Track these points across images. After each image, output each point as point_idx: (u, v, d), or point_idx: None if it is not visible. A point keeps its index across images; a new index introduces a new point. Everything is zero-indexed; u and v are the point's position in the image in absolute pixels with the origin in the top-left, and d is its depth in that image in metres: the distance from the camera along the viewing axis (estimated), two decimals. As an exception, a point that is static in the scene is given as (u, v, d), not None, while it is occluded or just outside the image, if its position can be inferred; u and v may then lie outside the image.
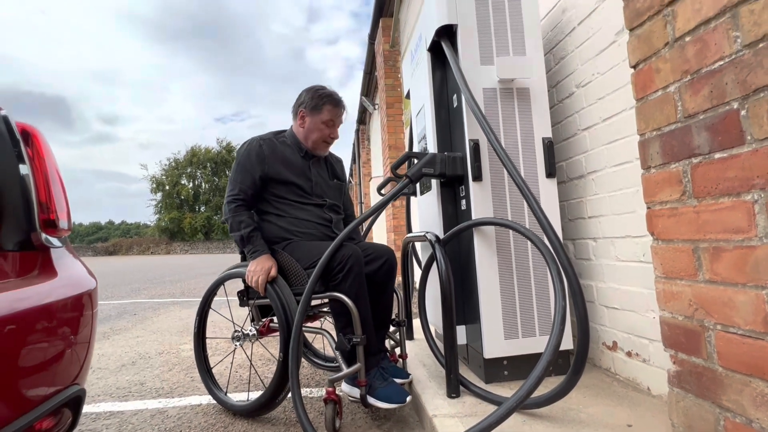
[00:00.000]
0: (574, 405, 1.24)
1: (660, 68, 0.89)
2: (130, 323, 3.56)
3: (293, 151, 1.66)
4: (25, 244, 0.84)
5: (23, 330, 0.68)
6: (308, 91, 1.66)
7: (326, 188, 1.72)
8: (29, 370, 0.69)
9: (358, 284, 1.42)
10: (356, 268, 1.41)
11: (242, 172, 1.59)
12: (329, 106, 1.63)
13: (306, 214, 1.62)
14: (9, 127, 0.85)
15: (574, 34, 1.64)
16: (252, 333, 1.58)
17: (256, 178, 1.58)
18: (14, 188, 0.82)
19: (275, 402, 1.47)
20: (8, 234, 0.82)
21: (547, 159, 1.53)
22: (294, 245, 1.56)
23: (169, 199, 37.21)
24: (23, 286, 0.75)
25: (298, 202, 1.63)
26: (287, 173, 1.61)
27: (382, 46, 5.50)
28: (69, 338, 0.79)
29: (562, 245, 1.13)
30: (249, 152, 1.60)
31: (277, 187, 1.61)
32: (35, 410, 0.68)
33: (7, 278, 0.78)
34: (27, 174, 0.86)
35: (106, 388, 1.92)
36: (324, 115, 1.63)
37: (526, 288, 1.48)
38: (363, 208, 10.55)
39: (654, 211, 0.93)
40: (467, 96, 1.39)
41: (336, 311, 1.46)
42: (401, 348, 1.69)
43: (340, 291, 1.39)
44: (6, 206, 0.82)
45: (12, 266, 0.81)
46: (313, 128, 1.64)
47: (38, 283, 0.79)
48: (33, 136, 0.90)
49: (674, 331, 0.89)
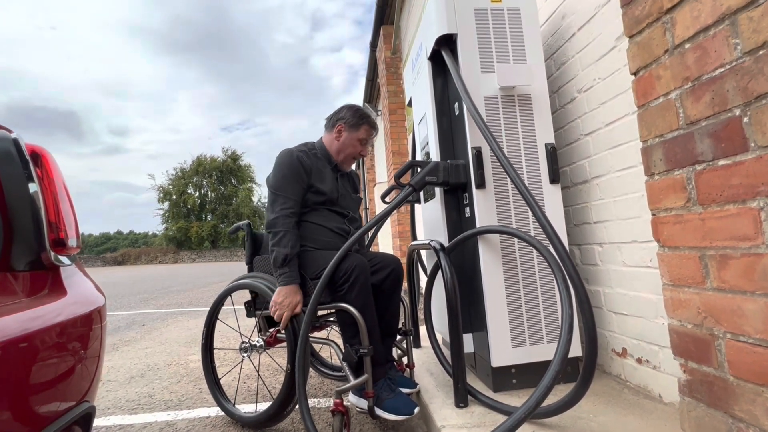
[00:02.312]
0: (584, 413, 1.23)
1: (660, 75, 0.89)
2: (138, 334, 3.58)
3: (324, 164, 1.69)
4: (36, 263, 0.86)
5: (34, 350, 0.70)
6: (349, 109, 1.71)
7: (350, 201, 1.76)
8: (41, 389, 0.70)
9: (365, 294, 1.42)
10: (362, 278, 1.41)
11: (292, 183, 1.57)
12: (366, 126, 1.69)
13: (325, 221, 1.64)
14: (19, 149, 0.87)
15: (575, 40, 1.64)
16: (259, 344, 1.58)
17: (304, 189, 1.59)
18: (24, 209, 0.84)
19: (284, 413, 1.47)
20: (19, 254, 0.83)
21: (551, 165, 1.52)
22: (303, 254, 1.56)
23: (176, 209, 37.55)
24: (34, 306, 0.76)
25: (325, 209, 1.65)
26: (321, 185, 1.63)
27: (384, 53, 5.54)
28: (79, 356, 0.80)
29: (568, 253, 1.12)
30: (293, 164, 1.59)
31: (311, 196, 1.62)
32: (47, 429, 0.69)
33: (18, 298, 0.79)
34: (36, 193, 0.87)
35: (116, 401, 1.93)
36: (361, 134, 1.68)
37: (533, 295, 1.47)
38: (368, 213, 10.57)
39: (659, 218, 0.93)
40: (468, 104, 1.40)
41: (343, 322, 1.46)
42: (408, 357, 1.69)
43: (347, 301, 1.40)
44: (16, 227, 0.84)
45: (23, 286, 0.82)
46: (348, 143, 1.69)
47: (48, 302, 0.81)
48: (42, 157, 0.92)
49: (683, 339, 0.88)
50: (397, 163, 5.16)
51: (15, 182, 0.84)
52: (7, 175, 0.83)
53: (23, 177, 0.85)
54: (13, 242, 0.82)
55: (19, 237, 0.83)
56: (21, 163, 0.86)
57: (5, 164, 0.84)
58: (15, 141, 0.87)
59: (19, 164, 0.85)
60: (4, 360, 0.64)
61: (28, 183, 0.86)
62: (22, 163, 0.86)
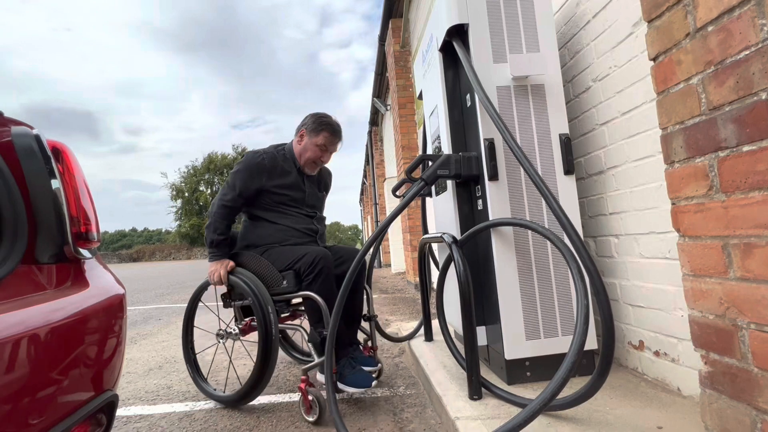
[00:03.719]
0: (600, 406, 1.22)
1: (681, 60, 0.86)
2: (155, 328, 3.67)
3: (290, 165, 1.84)
4: (59, 256, 0.88)
5: (61, 339, 0.72)
6: (312, 116, 1.85)
7: (315, 200, 1.92)
8: (67, 377, 0.72)
9: (328, 284, 1.61)
10: (325, 270, 1.60)
11: (242, 180, 1.74)
12: (326, 132, 1.82)
13: (295, 223, 1.81)
14: (41, 145, 0.89)
15: (589, 27, 1.60)
16: (235, 332, 1.76)
17: (252, 190, 1.75)
18: (47, 203, 0.86)
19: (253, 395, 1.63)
20: (43, 247, 0.86)
21: (565, 156, 1.50)
22: (272, 250, 1.74)
23: (189, 206, 38.14)
24: (59, 297, 0.78)
25: (291, 212, 1.82)
26: (284, 184, 1.79)
27: (393, 47, 5.50)
28: (102, 346, 0.83)
29: (584, 243, 1.11)
30: (251, 164, 1.76)
31: (274, 196, 1.78)
32: (73, 416, 0.71)
33: (43, 290, 0.81)
34: (58, 189, 0.90)
35: (136, 392, 1.98)
36: (319, 139, 1.81)
37: (547, 288, 1.46)
38: (378, 209, 10.57)
39: (679, 207, 0.90)
40: (481, 95, 1.38)
41: (309, 308, 1.64)
42: (372, 340, 1.88)
43: (312, 290, 1.58)
44: (40, 221, 0.86)
45: (47, 278, 0.85)
46: (307, 148, 1.82)
47: (72, 294, 0.83)
48: (63, 153, 0.94)
49: (704, 330, 0.86)
50: (406, 158, 5.14)
51: (38, 178, 0.87)
52: (30, 170, 0.86)
53: (45, 172, 0.88)
54: (37, 236, 0.85)
55: (42, 231, 0.85)
56: (43, 158, 0.88)
57: (28, 160, 0.86)
58: (37, 137, 0.89)
59: (41, 160, 0.88)
60: (34, 349, 0.66)
61: (51, 178, 0.88)
62: (44, 159, 0.88)
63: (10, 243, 0.77)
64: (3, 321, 0.63)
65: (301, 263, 1.63)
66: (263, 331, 1.57)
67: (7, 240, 0.77)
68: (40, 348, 0.67)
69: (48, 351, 0.69)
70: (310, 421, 1.50)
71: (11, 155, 0.86)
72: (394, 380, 1.92)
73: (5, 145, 0.86)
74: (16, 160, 0.85)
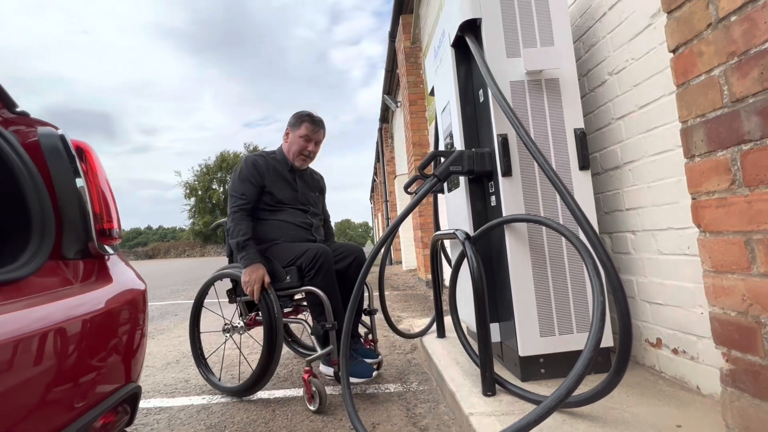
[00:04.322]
0: (617, 404, 1.21)
1: (702, 51, 0.84)
2: (172, 323, 3.75)
3: (282, 166, 1.95)
4: (84, 252, 0.91)
5: (90, 332, 0.74)
6: (293, 114, 1.98)
7: (309, 197, 2.02)
8: (96, 368, 0.75)
9: (329, 279, 1.68)
10: (326, 265, 1.67)
11: (245, 182, 1.83)
12: (306, 123, 1.92)
13: (290, 217, 1.90)
14: (66, 145, 0.92)
15: (605, 20, 1.57)
16: (240, 326, 1.84)
17: (257, 188, 1.84)
18: (72, 201, 0.89)
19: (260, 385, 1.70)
20: (69, 243, 0.89)
21: (580, 151, 1.48)
22: (275, 247, 1.82)
23: (202, 204, 38.74)
24: (85, 292, 0.81)
25: (284, 207, 1.90)
26: (278, 184, 1.89)
27: (403, 43, 5.48)
28: (126, 339, 0.85)
29: (600, 240, 1.09)
30: (249, 167, 1.86)
31: (269, 195, 1.87)
32: (102, 404, 0.74)
33: (70, 285, 0.84)
34: (83, 187, 0.92)
35: (155, 385, 2.04)
36: (302, 131, 1.92)
37: (562, 284, 1.44)
38: (388, 206, 10.58)
39: (700, 201, 0.89)
40: (494, 90, 1.37)
41: (311, 302, 1.70)
42: (372, 333, 1.93)
43: (314, 285, 1.65)
44: (66, 218, 0.89)
45: (74, 273, 0.88)
46: (293, 142, 1.94)
47: (97, 288, 0.86)
48: (86, 152, 0.97)
49: (726, 327, 0.84)
50: (417, 154, 5.13)
51: (64, 177, 0.90)
52: (56, 170, 0.89)
53: (71, 171, 0.91)
54: (63, 232, 0.88)
55: (68, 228, 0.88)
56: (68, 158, 0.91)
57: (54, 159, 0.89)
58: (62, 137, 0.92)
59: (66, 159, 0.91)
60: (68, 340, 0.69)
61: (75, 177, 0.91)
62: (69, 159, 0.91)
63: (39, 239, 0.80)
64: (37, 313, 0.66)
65: (302, 259, 1.70)
66: (268, 324, 1.64)
67: (36, 236, 0.80)
68: (72, 339, 0.70)
69: (79, 342, 0.71)
70: (312, 410, 1.57)
71: (38, 155, 0.89)
72: (406, 376, 1.93)
73: (32, 145, 0.89)
74: (42, 160, 0.88)
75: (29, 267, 0.76)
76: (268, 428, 1.47)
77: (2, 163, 0.82)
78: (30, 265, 0.77)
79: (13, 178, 0.82)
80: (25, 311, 0.67)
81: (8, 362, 0.59)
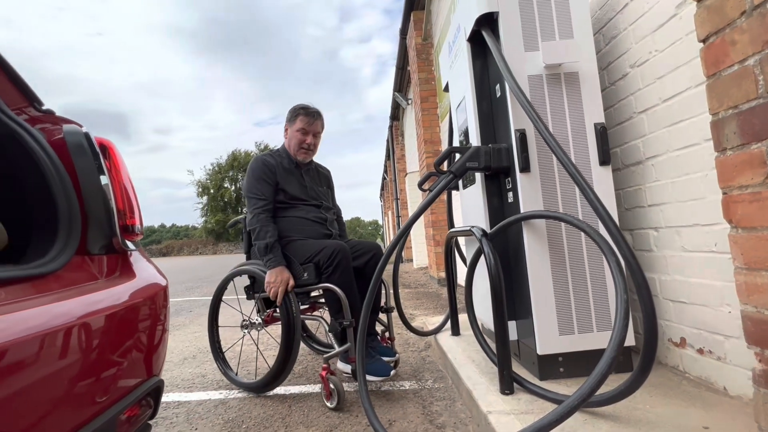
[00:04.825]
0: (640, 404, 1.18)
1: (736, 40, 0.81)
2: (187, 320, 3.81)
3: (288, 163, 1.96)
4: (108, 248, 0.93)
5: (117, 326, 0.75)
6: (289, 110, 1.99)
7: (319, 192, 2.03)
8: (122, 362, 0.76)
9: (346, 276, 1.67)
10: (344, 262, 1.67)
11: (261, 182, 1.84)
12: (301, 116, 1.93)
13: (304, 213, 1.91)
14: (90, 142, 0.94)
15: (627, 11, 1.53)
16: (258, 322, 1.86)
17: (272, 187, 1.86)
18: (97, 198, 0.91)
19: (277, 382, 1.71)
20: (93, 239, 0.90)
21: (600, 146, 1.45)
22: (292, 244, 1.82)
23: (214, 202, 39.26)
24: (110, 287, 0.82)
25: (298, 204, 1.91)
26: (288, 180, 1.91)
27: (414, 39, 5.45)
28: (150, 333, 0.86)
29: (623, 236, 1.07)
30: (259, 167, 1.88)
31: (282, 192, 1.88)
32: (128, 397, 0.75)
33: (95, 279, 0.86)
34: (107, 184, 0.94)
35: (173, 380, 2.07)
36: (297, 125, 1.93)
37: (582, 282, 1.42)
38: (399, 204, 10.56)
39: (731, 196, 0.86)
40: (512, 85, 1.34)
41: (329, 299, 1.71)
42: (389, 331, 1.92)
43: (331, 282, 1.65)
44: (91, 214, 0.90)
45: (98, 268, 0.89)
46: (291, 137, 1.95)
47: (121, 283, 0.87)
48: (109, 149, 0.99)
49: (760, 326, 0.81)
50: (429, 152, 5.10)
51: (88, 174, 0.91)
52: (81, 167, 0.90)
53: (95, 168, 0.92)
54: (88, 228, 0.89)
55: (93, 223, 0.90)
56: (92, 155, 0.92)
57: (79, 157, 0.90)
58: (86, 135, 0.94)
59: (91, 157, 0.92)
60: (95, 333, 0.70)
61: (100, 174, 0.93)
62: (94, 156, 0.93)
63: (66, 235, 0.81)
64: (65, 307, 0.67)
65: (320, 256, 1.70)
66: (286, 321, 1.65)
67: (64, 232, 0.81)
68: (99, 333, 0.71)
69: (105, 336, 0.72)
70: (330, 407, 1.56)
71: (64, 152, 0.90)
72: (421, 374, 1.92)
73: (58, 142, 0.91)
74: (68, 157, 0.90)
75: (57, 262, 0.78)
76: (285, 424, 1.48)
77: (31, 160, 0.84)
78: (58, 260, 0.78)
79: (41, 176, 0.83)
80: (55, 305, 0.68)
81: (39, 354, 0.60)
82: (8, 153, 0.89)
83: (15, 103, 0.92)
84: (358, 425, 1.43)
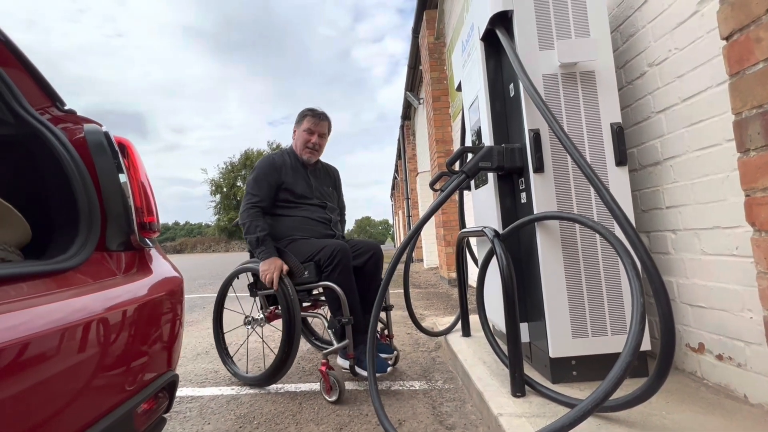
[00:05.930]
0: (656, 410, 1.15)
1: (761, 38, 0.79)
2: (200, 316, 3.87)
3: (295, 162, 2.02)
4: (126, 244, 0.95)
5: (131, 321, 0.77)
6: (298, 113, 2.06)
7: (325, 192, 2.07)
8: (136, 357, 0.78)
9: (346, 275, 1.71)
10: (344, 261, 1.71)
11: (261, 181, 1.89)
12: (308, 117, 2.00)
13: (308, 213, 1.95)
14: (110, 141, 0.96)
15: (645, 8, 1.50)
16: (261, 318, 1.91)
17: (272, 186, 1.90)
18: (116, 195, 0.93)
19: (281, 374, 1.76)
20: (112, 236, 0.92)
21: (617, 146, 1.42)
22: (294, 243, 1.86)
23: (227, 201, 39.77)
24: (128, 282, 0.84)
25: (303, 204, 1.95)
26: (293, 179, 1.95)
27: (427, 38, 5.43)
28: (166, 328, 0.88)
29: (640, 238, 1.05)
30: (264, 165, 1.94)
31: (285, 191, 1.93)
32: (145, 390, 0.77)
33: (114, 275, 0.88)
34: (125, 182, 0.96)
35: (186, 375, 2.11)
36: (304, 125, 2.00)
37: (596, 284, 1.39)
38: (410, 203, 10.55)
39: (755, 198, 0.83)
40: (526, 84, 1.33)
41: (329, 297, 1.75)
42: (388, 329, 1.97)
43: (331, 280, 1.69)
44: (110, 212, 0.93)
45: (117, 264, 0.91)
46: (298, 137, 2.02)
47: (139, 279, 0.89)
48: (128, 148, 1.01)
49: (784, 333, 0.79)
50: (441, 151, 5.08)
51: (108, 172, 0.93)
52: (101, 165, 0.92)
53: (114, 167, 0.94)
54: (107, 225, 0.91)
55: (112, 221, 0.92)
56: (112, 154, 0.94)
57: (99, 155, 0.93)
58: (106, 134, 0.96)
59: (110, 155, 0.94)
60: (110, 329, 0.72)
61: (119, 172, 0.95)
62: (113, 154, 0.95)
63: (87, 232, 0.83)
64: (85, 302, 0.69)
65: (320, 255, 1.74)
66: (285, 305, 1.71)
67: (84, 229, 0.84)
68: (117, 327, 0.73)
69: (124, 330, 0.74)
70: (330, 401, 1.61)
71: (84, 151, 0.93)
72: (431, 374, 1.91)
73: (79, 141, 0.93)
74: (89, 156, 0.92)
75: (78, 258, 0.80)
76: (296, 420, 1.50)
77: (53, 159, 0.86)
78: (78, 256, 0.80)
79: (63, 174, 0.86)
80: (76, 299, 0.70)
81: (60, 347, 0.62)
82: (32, 151, 0.92)
83: (39, 103, 0.95)
84: (367, 424, 1.43)
